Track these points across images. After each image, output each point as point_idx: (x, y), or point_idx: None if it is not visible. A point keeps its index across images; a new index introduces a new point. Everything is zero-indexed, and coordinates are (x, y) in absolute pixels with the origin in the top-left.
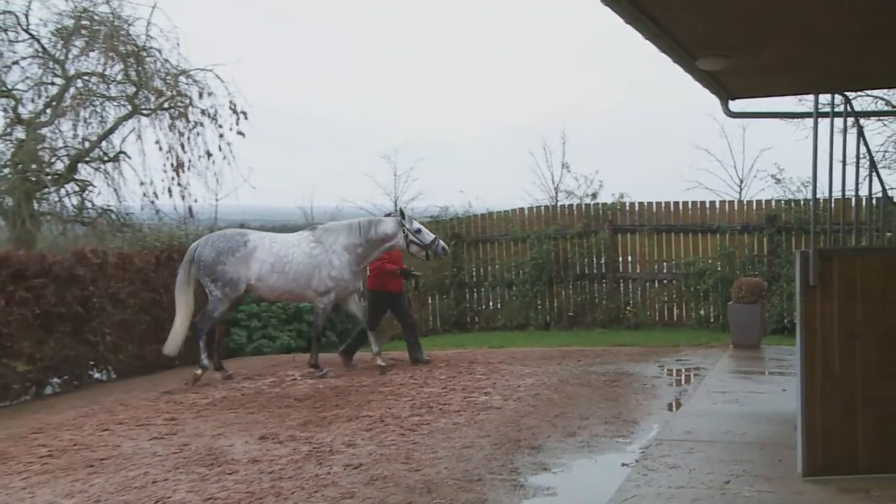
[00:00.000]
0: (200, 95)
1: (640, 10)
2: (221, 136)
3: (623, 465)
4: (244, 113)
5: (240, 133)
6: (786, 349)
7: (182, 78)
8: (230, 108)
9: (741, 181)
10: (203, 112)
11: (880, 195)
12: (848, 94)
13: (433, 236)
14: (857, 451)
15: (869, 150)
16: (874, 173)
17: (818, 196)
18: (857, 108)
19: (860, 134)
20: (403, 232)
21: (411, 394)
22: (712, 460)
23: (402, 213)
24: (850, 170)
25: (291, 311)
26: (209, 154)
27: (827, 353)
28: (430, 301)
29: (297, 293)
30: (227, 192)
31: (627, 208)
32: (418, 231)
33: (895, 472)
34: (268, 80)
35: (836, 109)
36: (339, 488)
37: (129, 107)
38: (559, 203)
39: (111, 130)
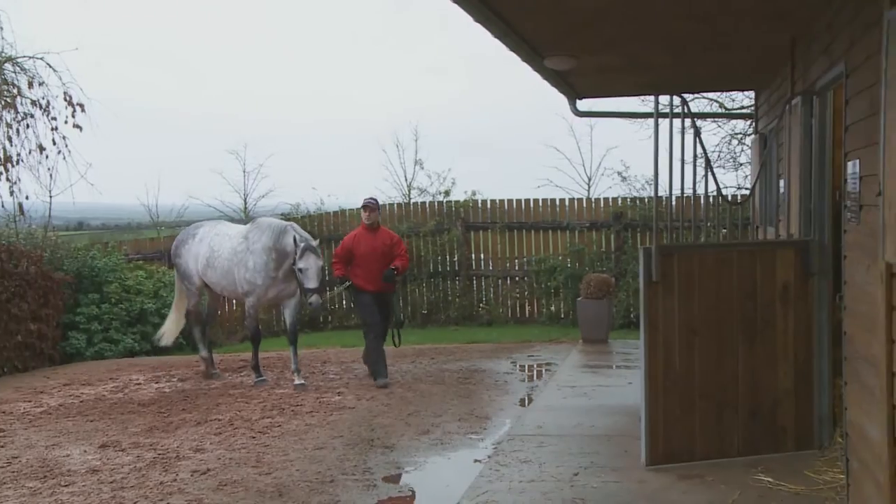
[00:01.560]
0: (30, 85)
1: (490, 8)
2: (55, 129)
3: (476, 461)
4: (81, 105)
5: (76, 126)
6: (632, 343)
7: (8, 65)
8: (65, 100)
9: (589, 179)
10: (34, 103)
11: (715, 193)
12: (686, 96)
13: (315, 286)
14: (695, 441)
15: (705, 151)
16: (710, 172)
17: (660, 194)
18: (695, 109)
19: (697, 134)
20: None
21: (262, 395)
22: (562, 453)
23: (294, 240)
24: (689, 169)
25: (136, 313)
26: (42, 148)
27: (668, 348)
28: None
29: (231, 291)
30: (62, 189)
31: (480, 206)
32: (301, 271)
33: (728, 457)
34: (108, 70)
35: (676, 110)
36: (185, 495)
37: None
38: (412, 201)
39: None
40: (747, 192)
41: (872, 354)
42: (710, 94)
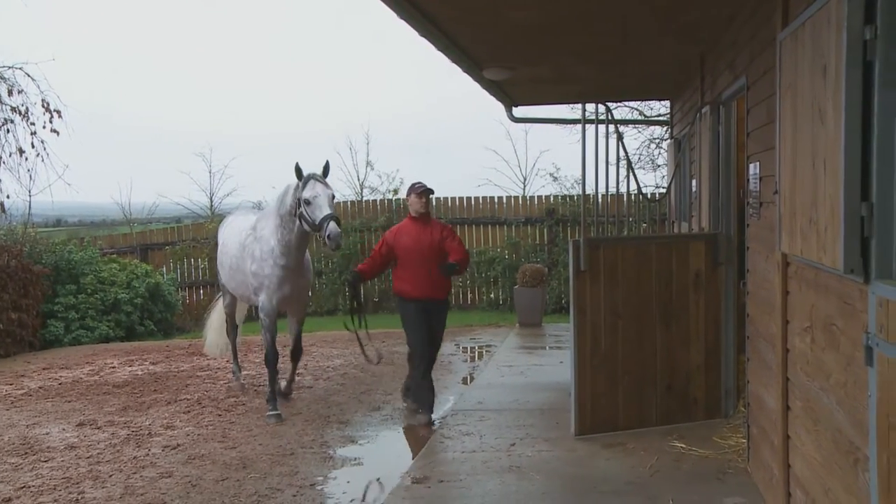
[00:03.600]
0: (10, 93)
1: (434, 24)
2: (34, 133)
3: (422, 434)
4: (58, 111)
5: (54, 131)
6: (563, 326)
7: None
8: (43, 107)
9: (525, 179)
10: (14, 109)
11: (636, 191)
12: (610, 104)
13: (326, 213)
14: (619, 413)
15: (627, 154)
16: (631, 173)
17: (588, 192)
18: (618, 116)
19: (620, 139)
20: (297, 199)
21: (228, 377)
22: (501, 426)
23: (297, 171)
24: (613, 170)
25: (110, 302)
26: (22, 151)
27: (595, 330)
28: None
29: (241, 293)
30: (41, 188)
31: None
32: (308, 202)
33: (647, 426)
34: (84, 77)
35: (601, 117)
36: (157, 468)
37: None
38: (364, 198)
39: None
40: (664, 190)
41: (770, 333)
42: (632, 103)
